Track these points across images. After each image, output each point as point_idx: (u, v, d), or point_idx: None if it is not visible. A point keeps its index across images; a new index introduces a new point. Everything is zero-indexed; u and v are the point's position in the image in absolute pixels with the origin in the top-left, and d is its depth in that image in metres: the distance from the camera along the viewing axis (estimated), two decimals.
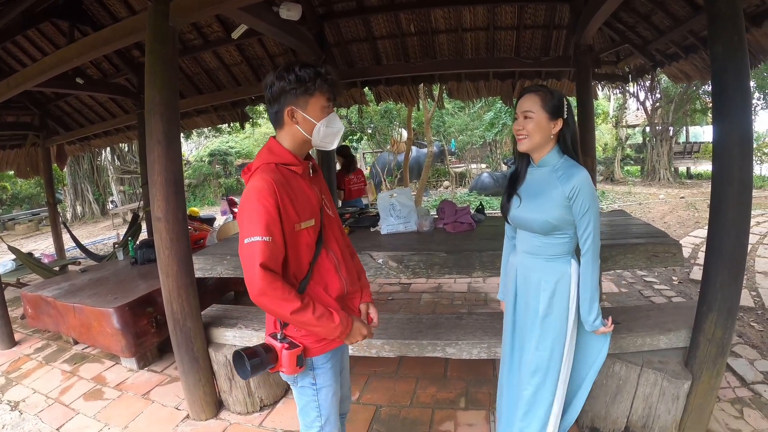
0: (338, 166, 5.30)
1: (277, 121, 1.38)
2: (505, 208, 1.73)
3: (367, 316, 1.60)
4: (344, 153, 5.35)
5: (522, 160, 1.68)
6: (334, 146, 1.44)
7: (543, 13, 3.99)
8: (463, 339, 2.20)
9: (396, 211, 3.06)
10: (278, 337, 1.40)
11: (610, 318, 1.68)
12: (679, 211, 8.55)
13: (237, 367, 1.35)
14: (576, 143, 1.60)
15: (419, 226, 3.03)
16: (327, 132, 1.38)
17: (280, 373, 1.43)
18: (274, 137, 1.42)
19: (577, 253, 1.63)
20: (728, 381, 2.56)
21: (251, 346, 1.38)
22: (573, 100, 4.31)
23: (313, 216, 1.39)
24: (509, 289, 1.79)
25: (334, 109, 1.44)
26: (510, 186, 1.72)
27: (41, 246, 9.65)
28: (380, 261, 2.43)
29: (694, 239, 5.98)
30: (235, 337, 2.53)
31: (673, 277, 4.57)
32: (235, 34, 3.67)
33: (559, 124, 1.55)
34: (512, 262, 1.79)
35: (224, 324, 2.61)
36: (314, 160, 1.51)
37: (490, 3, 3.96)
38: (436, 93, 5.54)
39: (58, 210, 7.01)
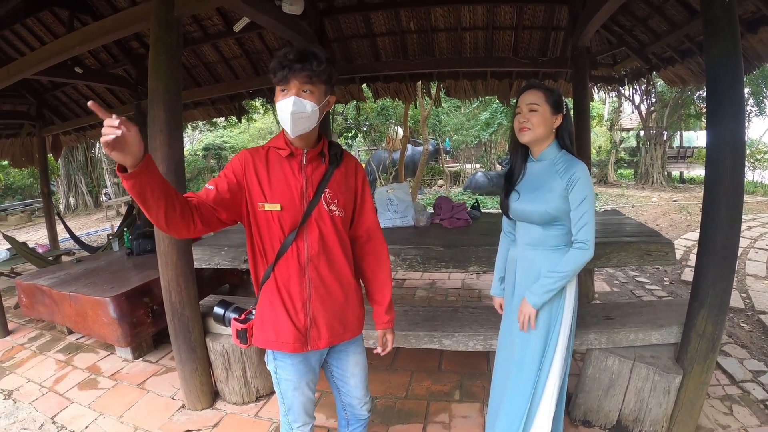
0: None
1: None
2: (504, 204, 1.78)
3: (381, 342, 1.64)
4: None
5: (518, 156, 1.73)
6: (289, 129, 1.32)
7: (542, 14, 4.04)
8: (459, 331, 2.24)
9: (393, 206, 3.09)
10: (252, 310, 1.55)
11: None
12: (671, 214, 8.65)
13: (216, 309, 1.66)
14: (572, 138, 1.66)
15: (416, 221, 3.06)
16: (282, 117, 1.32)
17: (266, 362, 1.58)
18: None
19: None
20: (718, 379, 2.62)
21: (233, 303, 1.63)
22: (569, 102, 4.40)
23: (282, 201, 1.36)
24: (509, 281, 1.83)
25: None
26: (507, 182, 1.76)
27: (34, 237, 9.57)
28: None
29: (685, 242, 6.07)
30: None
31: (665, 278, 4.64)
32: (237, 27, 3.68)
33: (560, 119, 1.61)
34: (512, 255, 1.82)
35: None
36: (332, 153, 1.46)
37: (490, 3, 4.00)
38: (433, 91, 5.57)
39: (52, 201, 6.97)
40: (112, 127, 1.01)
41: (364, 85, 5.22)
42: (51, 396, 2.83)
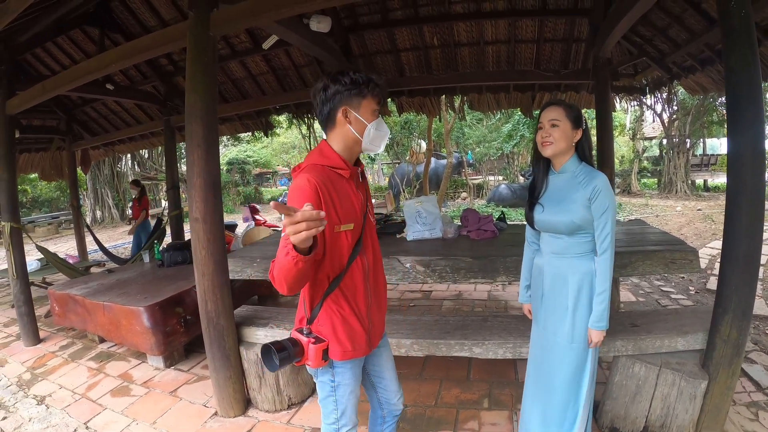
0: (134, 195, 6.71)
1: (329, 120, 1.43)
2: (529, 216, 1.85)
3: None
4: (138, 183, 6.77)
5: (540, 169, 1.81)
6: (381, 149, 1.51)
7: (562, 27, 4.08)
8: (489, 339, 2.27)
9: (422, 218, 3.13)
10: (304, 332, 1.45)
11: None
12: (696, 223, 8.52)
13: (265, 360, 1.40)
14: (591, 152, 1.74)
15: (444, 233, 3.09)
16: (376, 134, 1.45)
17: (306, 366, 1.49)
18: (325, 140, 1.48)
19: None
20: (744, 386, 2.61)
21: (279, 340, 1.42)
22: (591, 113, 4.40)
23: (353, 220, 1.43)
24: (536, 290, 1.88)
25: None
26: (531, 195, 1.84)
27: (61, 249, 9.82)
28: (407, 265, 2.50)
29: (711, 250, 5.97)
30: (266, 336, 2.60)
31: (690, 287, 4.58)
32: (266, 45, 3.80)
33: (579, 133, 1.70)
34: (538, 264, 1.88)
35: (255, 323, 2.69)
36: (363, 166, 1.57)
37: (511, 17, 4.06)
38: (457, 104, 5.62)
39: (81, 213, 7.18)
40: (317, 221, 1.05)
41: (389, 100, 5.31)
42: (84, 402, 2.89)
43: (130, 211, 14.09)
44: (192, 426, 2.56)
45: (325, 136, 1.50)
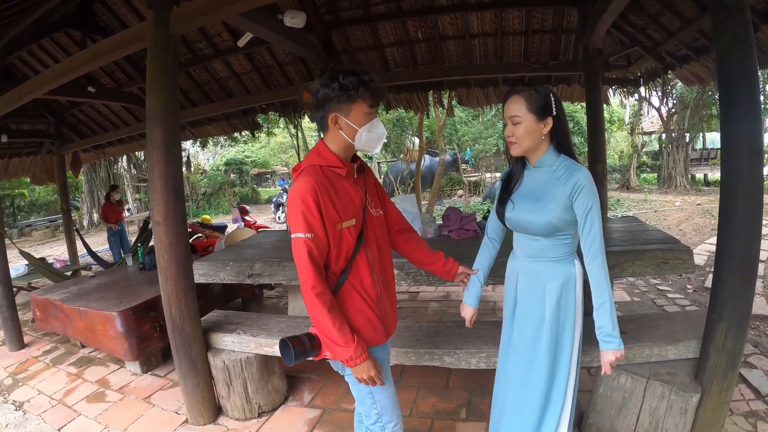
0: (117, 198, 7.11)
1: (322, 126, 1.47)
2: (499, 212, 1.67)
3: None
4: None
5: (518, 162, 1.63)
6: (377, 150, 1.53)
7: (551, 18, 3.95)
8: (461, 348, 2.14)
9: None
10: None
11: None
12: (696, 218, 8.34)
13: (283, 354, 1.46)
14: (568, 140, 1.54)
15: (423, 233, 2.99)
16: (369, 137, 1.45)
17: (332, 364, 1.56)
18: (322, 140, 1.50)
19: (579, 254, 1.56)
20: (742, 393, 2.45)
21: (297, 335, 1.47)
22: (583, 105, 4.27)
23: (354, 216, 1.46)
24: (508, 298, 1.73)
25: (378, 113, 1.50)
26: (504, 189, 1.66)
27: (56, 252, 9.84)
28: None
29: (710, 246, 5.82)
30: (233, 343, 2.51)
31: (688, 286, 4.44)
32: (241, 42, 3.71)
33: (549, 122, 1.48)
34: (512, 268, 1.72)
35: (223, 329, 2.60)
36: (360, 161, 1.57)
37: (497, 8, 3.93)
38: (446, 101, 5.50)
39: (75, 217, 7.15)
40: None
41: None
42: (60, 408, 2.88)
43: (126, 213, 14.19)
44: None
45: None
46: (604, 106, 5.78)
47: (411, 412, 2.49)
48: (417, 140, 13.08)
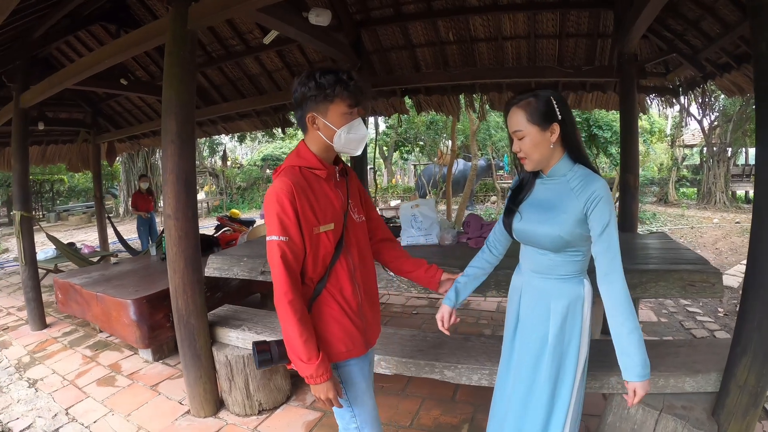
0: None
1: (301, 127, 1.42)
2: (506, 223, 1.56)
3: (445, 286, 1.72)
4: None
5: (530, 171, 1.50)
6: (359, 152, 1.44)
7: (586, 21, 3.81)
8: (463, 362, 2.04)
9: (417, 222, 2.94)
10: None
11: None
12: (733, 237, 7.90)
13: (254, 357, 1.41)
14: (579, 145, 1.42)
15: (441, 239, 2.90)
16: (349, 138, 1.38)
17: None
18: (303, 141, 1.45)
19: (590, 273, 1.45)
20: (765, 430, 2.25)
21: (268, 340, 1.42)
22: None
23: (333, 220, 1.40)
24: (511, 311, 1.63)
25: (365, 115, 1.46)
26: (511, 199, 1.55)
27: (90, 237, 10.23)
28: (392, 273, 2.32)
29: (745, 268, 5.46)
30: (238, 339, 2.51)
31: (719, 309, 4.18)
32: (267, 39, 3.73)
33: (556, 129, 1.35)
34: (516, 283, 1.62)
35: (230, 324, 2.61)
36: (343, 163, 1.52)
37: (530, 10, 3.82)
38: (477, 104, 5.39)
39: (111, 204, 7.40)
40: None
41: (406, 98, 5.17)
42: (70, 389, 2.97)
43: (161, 203, 14.67)
44: (162, 422, 2.54)
45: None
46: (643, 115, 5.53)
47: (412, 423, 2.42)
48: (450, 143, 12.94)
